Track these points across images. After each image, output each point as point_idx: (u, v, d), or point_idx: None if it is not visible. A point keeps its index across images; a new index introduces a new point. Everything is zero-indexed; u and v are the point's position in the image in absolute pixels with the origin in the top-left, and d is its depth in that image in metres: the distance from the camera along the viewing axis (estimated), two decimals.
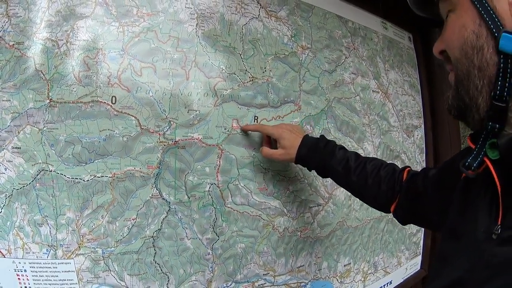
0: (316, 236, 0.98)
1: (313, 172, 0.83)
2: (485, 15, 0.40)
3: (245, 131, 0.83)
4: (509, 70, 0.38)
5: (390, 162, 0.78)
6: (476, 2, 0.40)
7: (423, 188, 0.66)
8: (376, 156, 1.17)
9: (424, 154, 1.46)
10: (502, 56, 0.38)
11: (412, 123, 1.38)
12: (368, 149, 1.15)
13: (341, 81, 1.06)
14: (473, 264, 0.40)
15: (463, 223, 0.45)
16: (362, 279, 1.16)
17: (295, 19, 0.95)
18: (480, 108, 0.41)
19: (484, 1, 0.40)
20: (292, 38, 0.94)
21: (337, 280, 1.06)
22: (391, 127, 1.26)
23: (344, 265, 1.08)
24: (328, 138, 0.82)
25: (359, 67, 1.14)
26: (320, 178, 0.94)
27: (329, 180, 0.88)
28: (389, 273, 1.28)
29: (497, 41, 0.38)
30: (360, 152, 1.11)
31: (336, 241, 1.05)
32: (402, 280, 1.34)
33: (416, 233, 1.41)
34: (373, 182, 0.73)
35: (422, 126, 1.45)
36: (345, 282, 1.09)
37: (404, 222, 0.74)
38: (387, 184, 0.72)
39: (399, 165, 1.01)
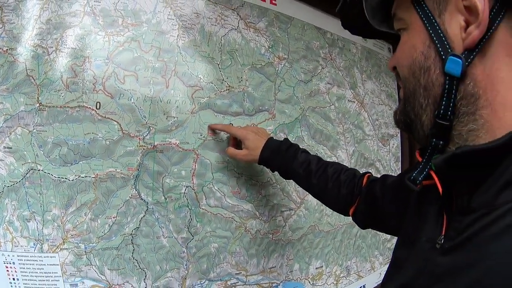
0: (288, 239, 1.12)
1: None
2: (434, 38, 0.43)
3: (213, 130, 0.94)
4: (453, 91, 0.42)
5: (352, 167, 0.88)
6: (427, 24, 0.43)
7: (381, 194, 0.74)
8: (350, 164, 1.32)
9: (400, 163, 1.62)
10: (447, 77, 0.42)
11: (388, 132, 1.54)
12: (342, 157, 1.29)
13: (316, 91, 1.20)
14: (419, 272, 0.44)
15: (415, 231, 0.50)
16: (335, 282, 1.30)
17: (273, 31, 1.09)
18: (424, 125, 0.45)
19: (435, 24, 0.43)
20: (270, 49, 1.07)
21: (309, 282, 1.20)
22: (366, 135, 1.41)
23: (316, 268, 1.22)
24: (301, 145, 0.93)
25: (335, 77, 1.28)
26: (293, 183, 1.07)
27: None
28: (362, 277, 1.42)
29: (444, 63, 0.42)
30: (334, 159, 1.25)
31: (308, 245, 1.19)
32: (376, 285, 1.48)
33: (390, 239, 1.56)
34: (333, 185, 0.82)
35: (399, 135, 1.61)
36: (317, 284, 1.23)
37: (363, 226, 0.82)
38: (346, 188, 0.81)
39: (374, 172, 1.15)
